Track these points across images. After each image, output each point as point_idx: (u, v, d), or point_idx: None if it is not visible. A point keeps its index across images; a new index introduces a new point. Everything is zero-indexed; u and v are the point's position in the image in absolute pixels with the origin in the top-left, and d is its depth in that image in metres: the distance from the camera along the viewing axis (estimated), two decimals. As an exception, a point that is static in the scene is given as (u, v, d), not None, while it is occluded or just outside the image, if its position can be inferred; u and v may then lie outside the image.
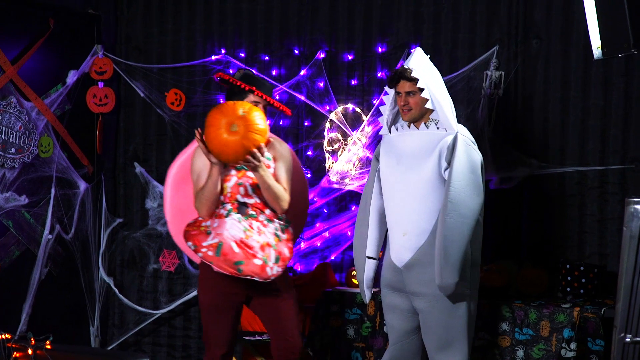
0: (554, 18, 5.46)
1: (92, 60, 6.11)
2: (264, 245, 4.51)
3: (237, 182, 4.59)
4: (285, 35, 6.09)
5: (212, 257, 4.46)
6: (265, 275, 4.48)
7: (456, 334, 4.43)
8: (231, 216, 4.54)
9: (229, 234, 4.49)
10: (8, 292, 5.59)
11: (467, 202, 4.34)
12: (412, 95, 4.47)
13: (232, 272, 4.45)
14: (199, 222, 4.60)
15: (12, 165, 5.59)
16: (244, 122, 4.41)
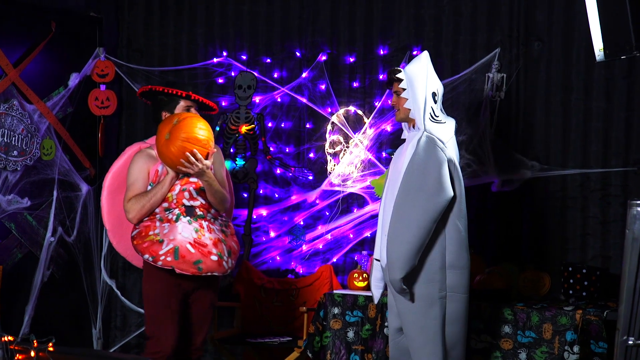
0: (555, 20, 5.47)
1: (93, 63, 6.11)
2: (216, 241, 4.73)
3: (180, 188, 4.76)
4: (286, 37, 6.09)
5: (172, 262, 4.64)
6: (223, 270, 4.73)
7: (430, 336, 4.41)
8: (181, 220, 4.71)
9: (182, 236, 4.67)
10: (11, 294, 5.56)
11: (419, 200, 4.33)
12: (398, 96, 4.55)
13: (193, 272, 4.65)
14: (144, 232, 4.73)
15: (15, 168, 5.58)
16: (175, 131, 4.59)
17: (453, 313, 4.42)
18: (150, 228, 4.74)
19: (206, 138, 4.65)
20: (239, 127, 6.05)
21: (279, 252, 6.07)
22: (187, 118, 4.66)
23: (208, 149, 4.66)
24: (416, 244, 4.30)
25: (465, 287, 4.44)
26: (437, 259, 4.38)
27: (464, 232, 4.43)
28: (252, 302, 5.89)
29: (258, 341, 5.64)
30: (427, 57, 4.55)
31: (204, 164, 4.63)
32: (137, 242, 4.73)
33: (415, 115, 4.46)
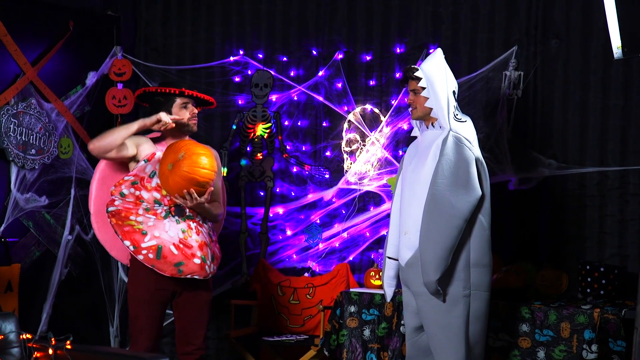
0: (573, 18, 5.46)
1: (111, 61, 6.11)
2: (202, 244, 4.75)
3: None
4: (303, 36, 6.11)
5: (153, 260, 4.67)
6: (204, 274, 4.74)
7: (452, 335, 4.43)
8: (170, 218, 4.73)
9: (167, 235, 4.70)
10: (29, 292, 5.56)
11: (450, 201, 4.34)
12: (416, 94, 4.54)
13: (172, 273, 4.67)
14: (125, 214, 4.74)
15: (33, 167, 5.58)
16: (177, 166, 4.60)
17: (476, 311, 4.45)
18: (130, 212, 4.75)
19: (206, 178, 4.65)
20: (256, 125, 6.07)
21: (295, 250, 6.08)
22: (192, 155, 4.63)
23: (207, 188, 4.67)
24: (449, 245, 4.33)
25: (487, 285, 4.47)
26: (462, 257, 4.41)
27: (488, 230, 4.46)
28: (268, 300, 5.92)
29: (275, 339, 5.67)
30: (442, 54, 4.57)
31: (199, 201, 4.66)
32: (116, 222, 4.72)
33: (439, 115, 4.47)
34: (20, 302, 5.43)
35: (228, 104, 6.19)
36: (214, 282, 6.02)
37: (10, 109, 5.43)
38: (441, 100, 4.46)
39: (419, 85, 4.51)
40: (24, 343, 4.44)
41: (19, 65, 5.50)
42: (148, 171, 4.80)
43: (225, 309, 5.85)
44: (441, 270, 4.33)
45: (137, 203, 4.77)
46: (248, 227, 6.16)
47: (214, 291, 6.01)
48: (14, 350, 4.40)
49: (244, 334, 5.79)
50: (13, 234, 5.48)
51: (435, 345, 4.47)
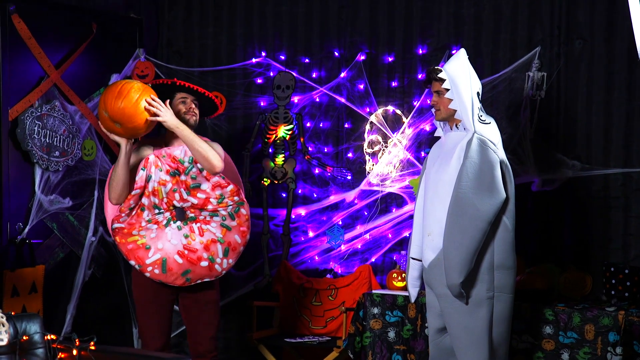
0: (597, 18, 5.43)
1: (134, 63, 6.13)
2: (208, 244, 4.71)
3: (172, 188, 4.71)
4: (325, 37, 6.11)
5: (160, 275, 4.68)
6: (215, 273, 4.73)
7: (475, 337, 4.42)
8: (171, 225, 4.72)
9: (170, 244, 4.68)
10: (53, 293, 5.60)
11: (475, 203, 4.33)
12: (440, 96, 4.53)
13: (182, 283, 4.69)
14: (128, 230, 4.70)
15: (57, 168, 5.61)
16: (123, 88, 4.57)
17: (499, 313, 4.43)
18: (134, 226, 4.73)
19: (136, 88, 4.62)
20: (278, 127, 6.07)
21: (317, 251, 6.08)
22: (127, 83, 4.64)
23: (151, 94, 4.63)
24: (473, 247, 4.32)
25: (511, 288, 4.46)
26: (487, 259, 4.40)
27: (512, 232, 4.45)
28: (291, 301, 5.93)
29: (297, 341, 5.67)
30: (465, 54, 4.55)
31: (168, 108, 4.62)
32: (120, 240, 4.71)
33: (463, 117, 4.45)
34: (45, 303, 5.48)
35: (250, 106, 6.21)
36: (236, 283, 6.16)
37: (34, 111, 5.47)
38: (465, 101, 4.44)
39: (443, 87, 4.50)
40: (48, 344, 4.47)
41: (43, 68, 5.54)
42: (145, 176, 4.72)
43: (248, 311, 5.86)
44: (465, 272, 4.32)
45: (140, 214, 4.73)
46: (270, 229, 6.17)
47: (236, 293, 6.15)
48: (39, 350, 4.44)
49: (266, 335, 5.80)
50: (37, 236, 5.52)
51: (458, 346, 4.46)
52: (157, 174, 4.72)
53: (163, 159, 4.73)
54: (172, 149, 4.75)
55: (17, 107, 5.37)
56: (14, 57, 5.36)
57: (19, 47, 5.39)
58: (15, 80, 5.38)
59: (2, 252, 5.26)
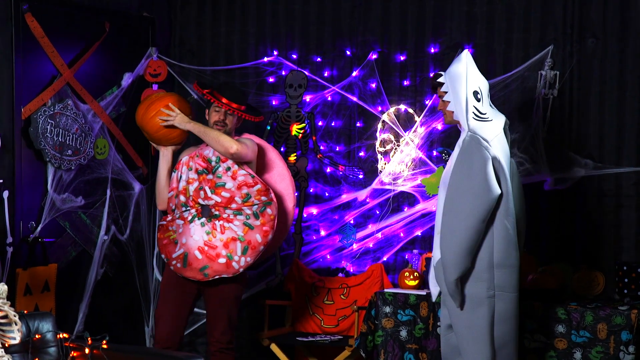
0: (610, 17, 5.42)
1: (146, 62, 6.13)
2: (228, 242, 4.90)
3: (198, 186, 4.98)
4: (337, 36, 6.11)
5: (181, 269, 4.97)
6: (232, 270, 4.91)
7: (477, 335, 4.45)
8: (195, 222, 4.95)
9: (192, 240, 4.93)
10: (65, 292, 5.60)
11: (466, 201, 4.36)
12: (443, 100, 4.59)
13: (200, 278, 4.90)
14: (166, 227, 5.05)
15: (69, 167, 5.62)
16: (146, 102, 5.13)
17: (502, 312, 4.43)
18: (171, 222, 5.08)
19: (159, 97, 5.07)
20: (290, 126, 6.08)
21: (329, 250, 6.09)
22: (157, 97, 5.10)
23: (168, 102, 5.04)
24: (467, 245, 4.34)
25: (514, 286, 4.45)
26: (485, 258, 4.41)
27: (512, 231, 4.43)
28: (303, 300, 5.93)
29: (309, 340, 5.68)
30: (468, 55, 4.58)
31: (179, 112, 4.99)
32: (160, 235, 5.10)
33: (459, 116, 4.50)
34: (57, 301, 5.51)
35: (262, 105, 6.21)
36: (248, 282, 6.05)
37: (47, 110, 5.48)
38: (461, 101, 4.48)
39: (442, 90, 4.56)
40: (60, 342, 4.49)
41: (56, 66, 5.56)
42: (176, 177, 5.06)
43: (260, 309, 5.87)
44: (459, 270, 4.35)
45: (173, 213, 5.06)
46: (282, 228, 6.20)
47: (248, 291, 6.13)
48: (51, 349, 4.45)
49: (278, 334, 5.81)
50: (50, 234, 5.54)
51: (461, 345, 4.50)
52: (187, 173, 5.06)
53: (195, 159, 5.05)
54: (204, 149, 5.05)
55: (30, 106, 5.38)
56: (27, 56, 5.37)
57: (32, 46, 5.40)
58: (28, 79, 5.39)
59: (15, 251, 5.27)
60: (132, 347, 4.97)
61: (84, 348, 4.48)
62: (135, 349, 4.95)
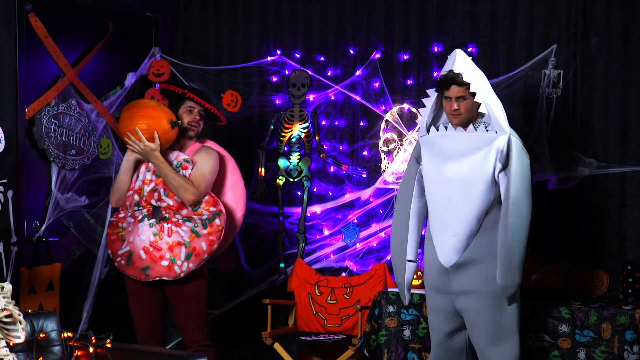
0: (614, 16, 5.39)
1: (149, 62, 6.15)
2: (173, 245, 4.98)
3: (153, 187, 5.05)
4: (340, 35, 6.11)
5: (124, 267, 5.09)
6: (173, 274, 5.00)
7: (508, 330, 4.50)
8: (144, 221, 5.02)
9: (139, 239, 5.01)
10: (69, 291, 5.63)
11: (525, 204, 4.41)
12: (462, 100, 4.50)
13: (141, 278, 5.00)
14: (116, 223, 5.13)
15: (73, 167, 5.64)
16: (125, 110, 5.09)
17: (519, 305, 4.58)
18: (122, 220, 5.16)
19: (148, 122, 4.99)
20: (293, 125, 6.09)
21: (332, 250, 6.08)
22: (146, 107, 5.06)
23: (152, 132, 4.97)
24: (525, 247, 4.46)
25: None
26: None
27: None
28: (306, 300, 5.94)
29: (312, 339, 5.68)
30: (464, 54, 4.59)
31: (146, 145, 4.94)
32: (109, 231, 5.20)
33: (499, 117, 4.44)
34: (61, 301, 5.54)
35: (265, 104, 6.22)
36: (251, 282, 6.21)
37: (51, 109, 5.50)
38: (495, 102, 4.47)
39: (471, 91, 4.46)
40: (65, 341, 4.50)
41: (60, 66, 5.58)
42: (135, 177, 5.14)
43: (263, 309, 5.86)
44: (521, 272, 4.47)
45: (125, 210, 5.14)
46: (285, 227, 6.19)
47: (251, 291, 6.18)
48: (56, 348, 4.47)
49: (281, 333, 5.81)
50: (54, 234, 5.57)
51: (488, 342, 4.51)
52: (145, 173, 5.12)
53: None
54: (167, 153, 5.08)
55: (33, 106, 5.40)
56: (30, 56, 5.39)
57: (35, 46, 5.42)
58: (32, 79, 5.41)
59: (19, 250, 5.29)
60: (136, 346, 4.95)
61: (88, 347, 4.51)
62: (139, 348, 4.93)
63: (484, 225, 4.48)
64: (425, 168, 4.62)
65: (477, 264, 4.49)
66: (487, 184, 4.43)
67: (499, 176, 4.44)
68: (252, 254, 6.28)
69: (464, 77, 4.46)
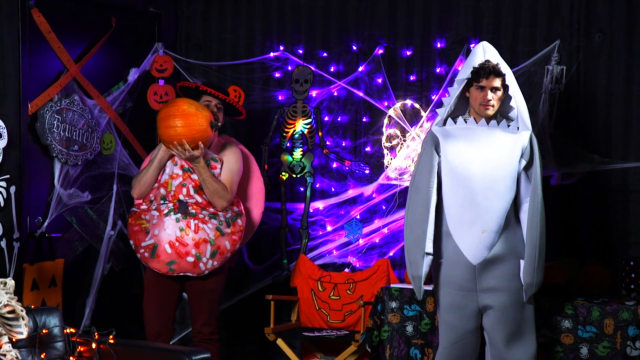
0: (617, 12, 5.42)
1: (152, 58, 6.15)
2: (199, 242, 5.02)
3: (181, 182, 5.08)
4: (343, 31, 6.13)
5: (148, 259, 5.09)
6: (198, 270, 5.04)
7: (527, 327, 4.57)
8: (170, 216, 5.03)
9: (165, 234, 5.03)
10: (72, 287, 5.64)
11: (543, 203, 4.48)
12: (496, 91, 4.52)
13: (165, 271, 5.02)
14: (139, 214, 5.13)
15: (76, 162, 5.65)
16: (170, 119, 4.97)
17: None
18: (145, 212, 5.16)
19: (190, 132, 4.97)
20: (296, 121, 6.11)
21: (335, 245, 6.09)
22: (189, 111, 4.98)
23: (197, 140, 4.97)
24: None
25: None
26: None
27: None
28: (309, 295, 5.96)
29: (315, 335, 5.70)
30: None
31: (191, 153, 4.94)
32: (131, 221, 5.18)
33: (524, 113, 4.49)
34: (64, 296, 5.55)
35: (268, 100, 6.24)
36: (254, 277, 6.23)
37: (54, 105, 5.51)
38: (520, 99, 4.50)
39: (507, 83, 4.51)
40: (67, 337, 4.54)
41: (63, 62, 5.60)
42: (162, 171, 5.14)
43: (266, 304, 5.88)
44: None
45: (150, 203, 5.13)
46: (288, 223, 6.21)
47: (254, 286, 6.21)
48: (58, 344, 4.50)
49: (284, 329, 5.83)
50: (57, 230, 5.58)
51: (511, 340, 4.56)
52: (172, 168, 5.13)
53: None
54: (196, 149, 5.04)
55: (36, 101, 5.41)
56: (33, 52, 5.40)
57: (38, 42, 5.43)
58: (34, 75, 5.42)
59: (22, 246, 5.30)
60: (139, 342, 4.98)
61: (90, 343, 4.53)
62: (141, 343, 4.95)
63: (507, 223, 4.51)
64: (444, 161, 4.58)
65: (503, 261, 4.52)
66: (513, 179, 4.47)
67: (521, 173, 4.49)
68: (255, 250, 6.29)
69: (501, 68, 4.50)
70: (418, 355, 5.23)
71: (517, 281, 4.53)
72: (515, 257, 4.53)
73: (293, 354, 5.70)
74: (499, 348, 4.60)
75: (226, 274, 5.32)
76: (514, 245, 4.53)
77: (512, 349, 4.57)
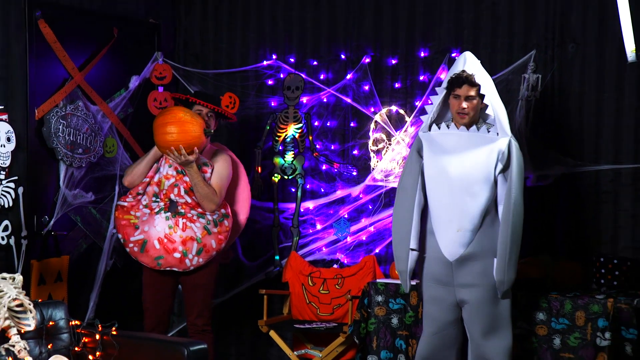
0: (589, 23, 5.41)
1: (152, 66, 6.14)
2: (186, 239, 5.09)
3: (173, 183, 5.16)
4: (332, 41, 6.14)
5: (137, 254, 5.21)
6: (184, 266, 5.12)
7: (503, 321, 4.62)
8: (161, 214, 5.12)
9: (154, 230, 5.11)
10: (77, 282, 5.66)
11: (522, 204, 4.50)
12: (470, 100, 4.56)
13: (152, 266, 5.10)
14: (127, 209, 5.19)
15: (80, 165, 5.66)
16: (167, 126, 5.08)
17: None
18: (134, 208, 5.26)
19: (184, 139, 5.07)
20: (288, 125, 6.14)
21: (325, 243, 6.12)
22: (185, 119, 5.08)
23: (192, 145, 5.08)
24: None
25: None
26: None
27: None
28: (300, 290, 5.99)
29: (306, 327, 5.73)
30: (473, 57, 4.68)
31: (186, 158, 5.03)
32: (118, 214, 5.27)
33: (503, 120, 4.51)
34: (69, 291, 5.55)
35: (262, 106, 6.27)
36: (248, 273, 6.20)
37: (59, 111, 5.53)
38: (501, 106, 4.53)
39: (481, 92, 4.53)
40: (73, 329, 4.61)
41: (68, 70, 5.61)
42: (155, 168, 5.22)
43: (259, 298, 5.88)
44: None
45: (139, 200, 5.21)
46: (280, 222, 6.24)
47: (248, 281, 6.19)
48: (64, 335, 4.57)
49: (277, 321, 5.86)
50: (62, 228, 5.61)
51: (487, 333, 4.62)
52: (166, 168, 5.24)
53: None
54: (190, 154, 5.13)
55: (43, 107, 5.42)
56: (40, 60, 5.41)
57: (44, 51, 5.43)
58: (41, 82, 5.42)
59: (30, 243, 5.30)
60: (140, 334, 5.00)
61: (94, 334, 4.59)
62: (142, 335, 4.98)
63: (484, 222, 4.57)
64: (427, 164, 4.66)
65: (478, 259, 4.58)
66: (488, 182, 4.50)
67: (498, 176, 4.52)
68: (249, 247, 6.29)
69: (475, 78, 4.52)
70: (403, 346, 5.26)
71: (492, 278, 4.59)
72: (491, 255, 4.58)
73: (285, 345, 5.71)
74: (476, 340, 4.67)
75: (218, 269, 5.40)
76: (491, 243, 4.58)
77: (489, 341, 4.63)
